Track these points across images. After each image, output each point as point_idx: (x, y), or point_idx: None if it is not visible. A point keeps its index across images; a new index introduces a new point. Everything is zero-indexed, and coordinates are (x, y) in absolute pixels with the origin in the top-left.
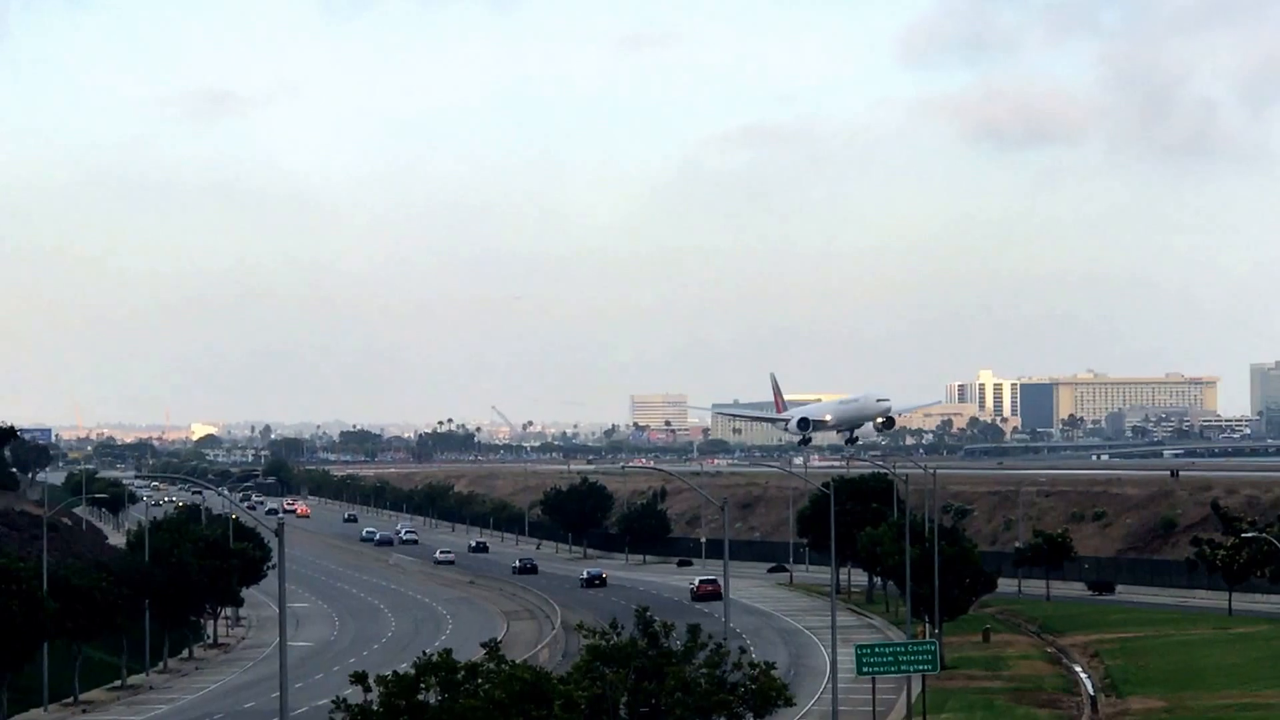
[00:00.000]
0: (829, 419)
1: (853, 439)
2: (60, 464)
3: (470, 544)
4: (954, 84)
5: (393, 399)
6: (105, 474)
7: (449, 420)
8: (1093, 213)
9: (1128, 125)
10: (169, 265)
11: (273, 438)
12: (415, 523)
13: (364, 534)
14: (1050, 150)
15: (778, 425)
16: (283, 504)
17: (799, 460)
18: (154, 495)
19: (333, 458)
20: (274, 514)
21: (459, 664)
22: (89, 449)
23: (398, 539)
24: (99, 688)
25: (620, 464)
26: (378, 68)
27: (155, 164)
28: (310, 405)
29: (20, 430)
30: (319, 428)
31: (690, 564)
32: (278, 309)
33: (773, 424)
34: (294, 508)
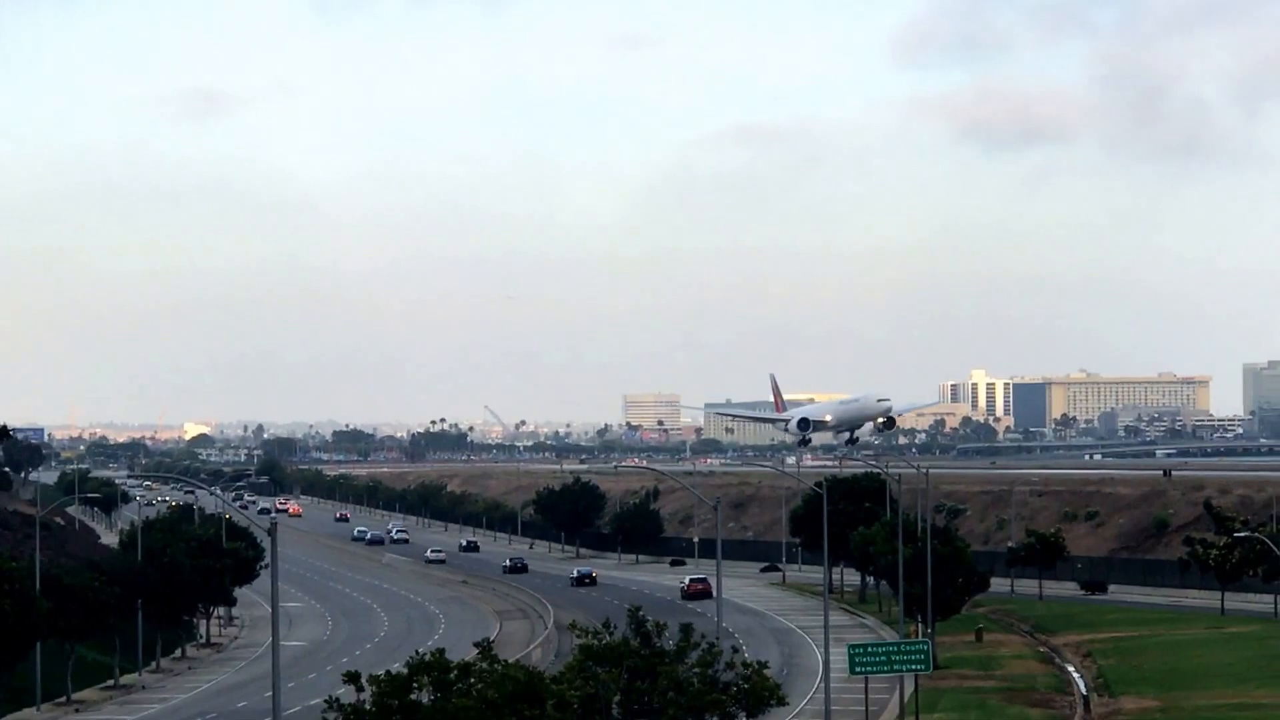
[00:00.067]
0: (829, 419)
1: (853, 439)
2: (53, 463)
3: (461, 543)
4: (947, 84)
5: (385, 398)
6: (98, 473)
7: (442, 420)
8: (1086, 212)
9: (1121, 125)
10: (162, 265)
11: (266, 437)
12: (408, 522)
13: (355, 533)
14: (1043, 150)
15: (778, 426)
16: (275, 503)
17: (792, 460)
18: (147, 495)
19: (325, 457)
20: (266, 513)
21: (452, 663)
22: (82, 448)
23: (389, 538)
24: (92, 687)
25: (613, 463)
26: (371, 68)
27: (148, 164)
28: (303, 405)
29: (13, 429)
30: (312, 427)
31: (683, 564)
32: (270, 308)
33: (773, 424)
34: (286, 507)
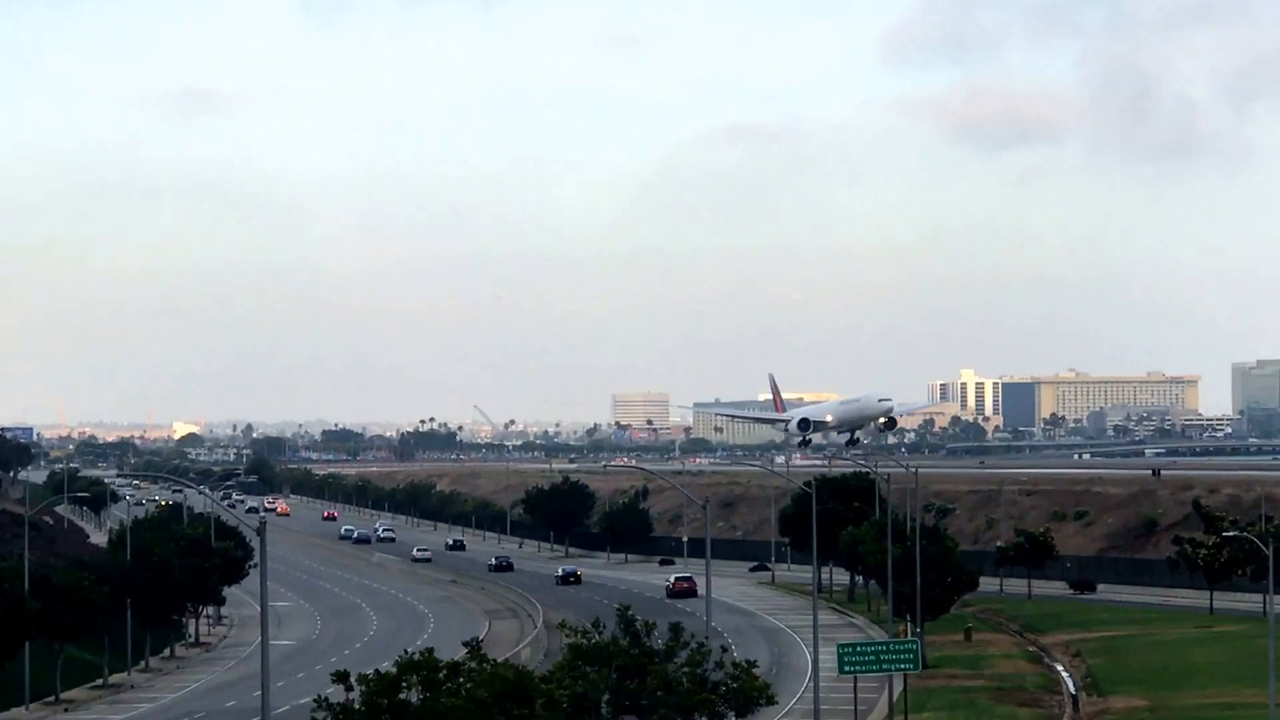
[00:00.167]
0: (830, 419)
1: (853, 440)
2: (42, 463)
3: (447, 542)
4: (936, 84)
5: (374, 398)
6: (87, 473)
7: (431, 419)
8: (1075, 212)
9: (1110, 125)
10: (151, 264)
11: (254, 437)
12: (397, 522)
13: (342, 532)
14: (1032, 150)
15: (777, 427)
16: (263, 503)
17: (781, 459)
18: (136, 494)
19: (315, 457)
20: (255, 513)
21: (441, 663)
22: (71, 448)
23: (375, 537)
24: (80, 686)
25: (602, 463)
26: (362, 68)
27: (137, 163)
28: (292, 404)
29: (2, 429)
30: (301, 427)
31: (672, 563)
32: (260, 308)
33: (772, 425)
34: (274, 506)
